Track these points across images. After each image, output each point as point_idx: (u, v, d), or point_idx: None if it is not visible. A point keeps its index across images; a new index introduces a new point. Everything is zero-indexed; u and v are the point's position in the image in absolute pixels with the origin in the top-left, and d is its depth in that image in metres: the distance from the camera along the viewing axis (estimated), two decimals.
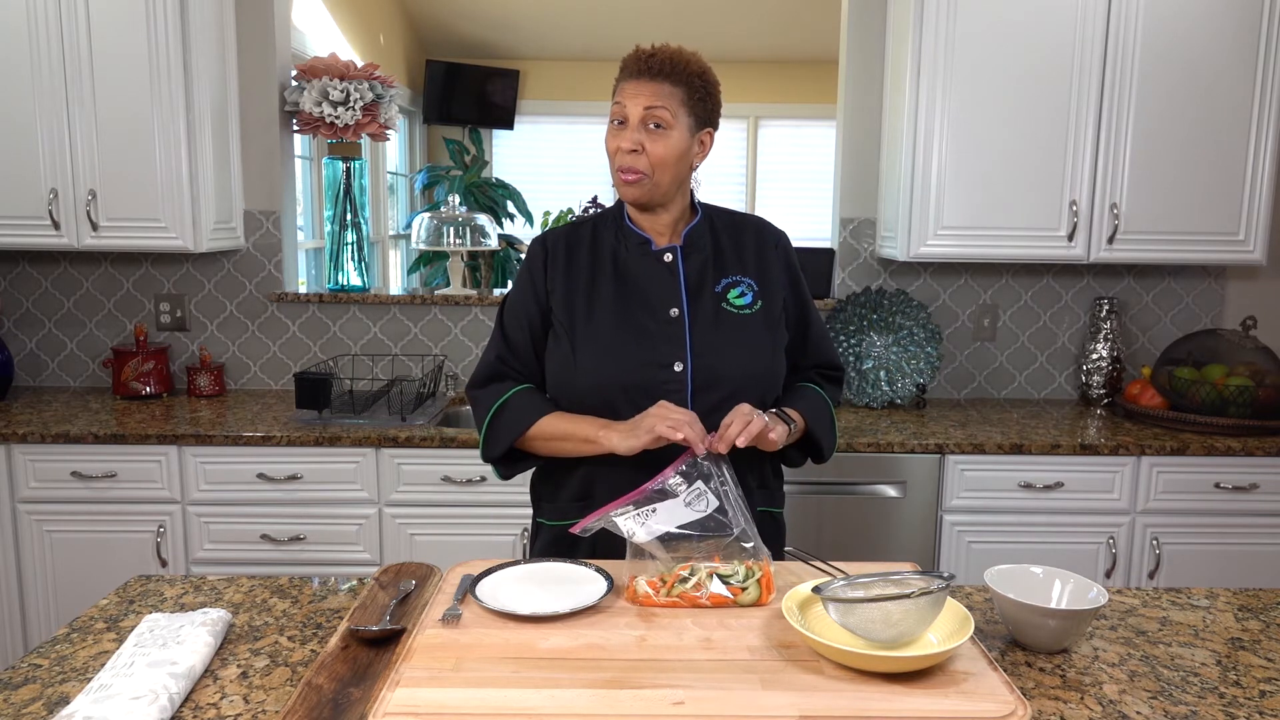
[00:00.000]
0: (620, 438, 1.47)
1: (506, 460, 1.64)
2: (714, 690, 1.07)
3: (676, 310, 1.57)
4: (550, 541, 1.66)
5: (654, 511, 1.37)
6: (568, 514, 1.63)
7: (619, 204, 1.65)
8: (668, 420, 1.42)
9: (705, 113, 1.57)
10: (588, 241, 1.64)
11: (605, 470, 1.57)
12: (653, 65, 1.52)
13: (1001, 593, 1.30)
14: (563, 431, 1.56)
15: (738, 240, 1.65)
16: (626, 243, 1.62)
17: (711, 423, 1.53)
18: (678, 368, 1.54)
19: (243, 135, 3.05)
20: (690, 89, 1.54)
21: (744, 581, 1.32)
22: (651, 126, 1.52)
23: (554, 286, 1.61)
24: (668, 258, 1.60)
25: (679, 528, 1.35)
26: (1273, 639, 1.37)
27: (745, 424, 1.42)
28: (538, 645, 1.18)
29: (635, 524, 1.35)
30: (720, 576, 1.32)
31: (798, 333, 1.68)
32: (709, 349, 1.56)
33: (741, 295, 1.60)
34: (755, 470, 1.63)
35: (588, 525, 1.37)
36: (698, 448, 1.40)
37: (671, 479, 1.39)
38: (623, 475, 1.52)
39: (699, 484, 1.39)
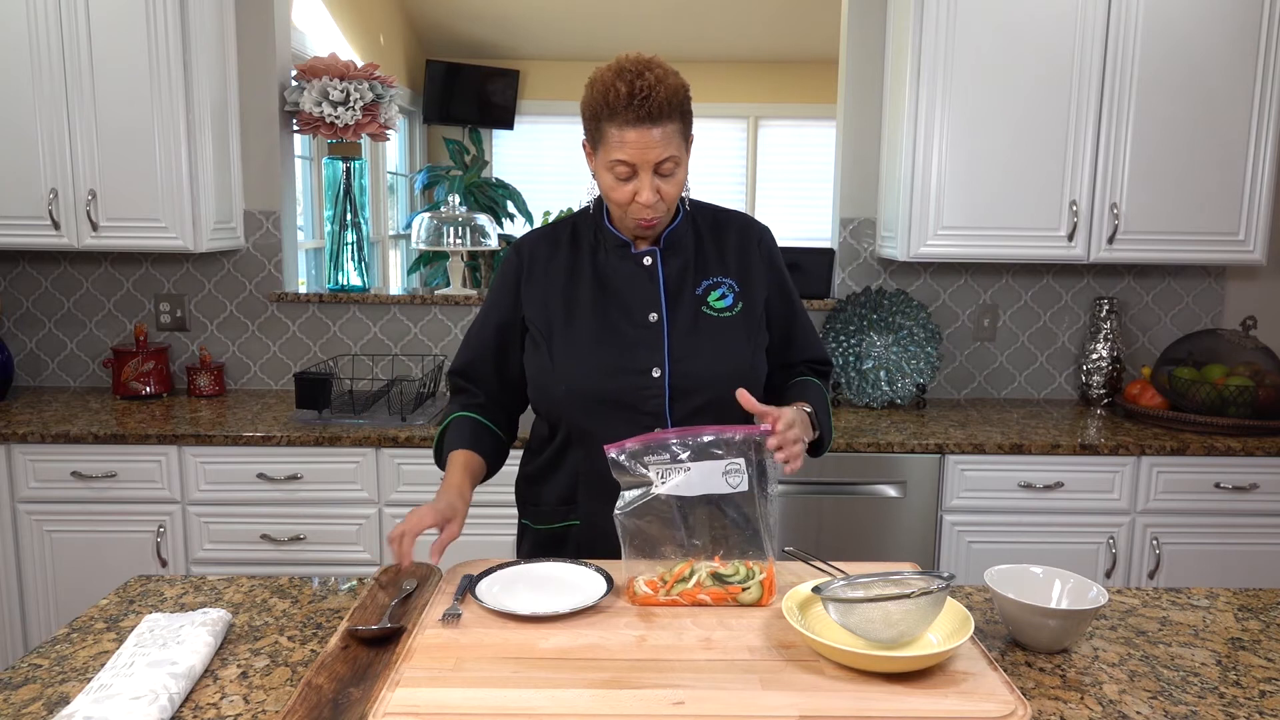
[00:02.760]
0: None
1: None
2: (714, 690, 1.07)
3: (655, 315, 1.55)
4: (535, 544, 1.67)
5: (688, 470, 1.33)
6: (553, 518, 1.63)
7: (598, 201, 1.62)
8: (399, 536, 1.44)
9: (691, 125, 1.52)
10: (567, 243, 1.61)
11: (588, 476, 1.57)
12: (652, 110, 1.41)
13: (1001, 593, 1.30)
14: (444, 476, 1.59)
15: (720, 239, 1.62)
16: (606, 244, 1.59)
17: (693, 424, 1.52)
18: (655, 373, 1.53)
19: (243, 135, 3.05)
20: (683, 115, 1.47)
21: (744, 581, 1.32)
22: (663, 173, 1.47)
23: (529, 297, 1.59)
24: (647, 261, 1.57)
25: (702, 495, 1.33)
26: (1273, 639, 1.37)
27: (795, 451, 1.38)
28: (538, 645, 1.18)
29: (657, 476, 1.33)
30: (721, 576, 1.32)
31: (783, 330, 1.66)
32: (687, 354, 1.54)
33: (722, 298, 1.58)
34: None
35: (626, 447, 1.35)
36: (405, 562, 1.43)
37: (727, 435, 1.35)
38: (604, 481, 1.50)
39: (741, 461, 1.35)
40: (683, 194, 1.61)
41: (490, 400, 1.66)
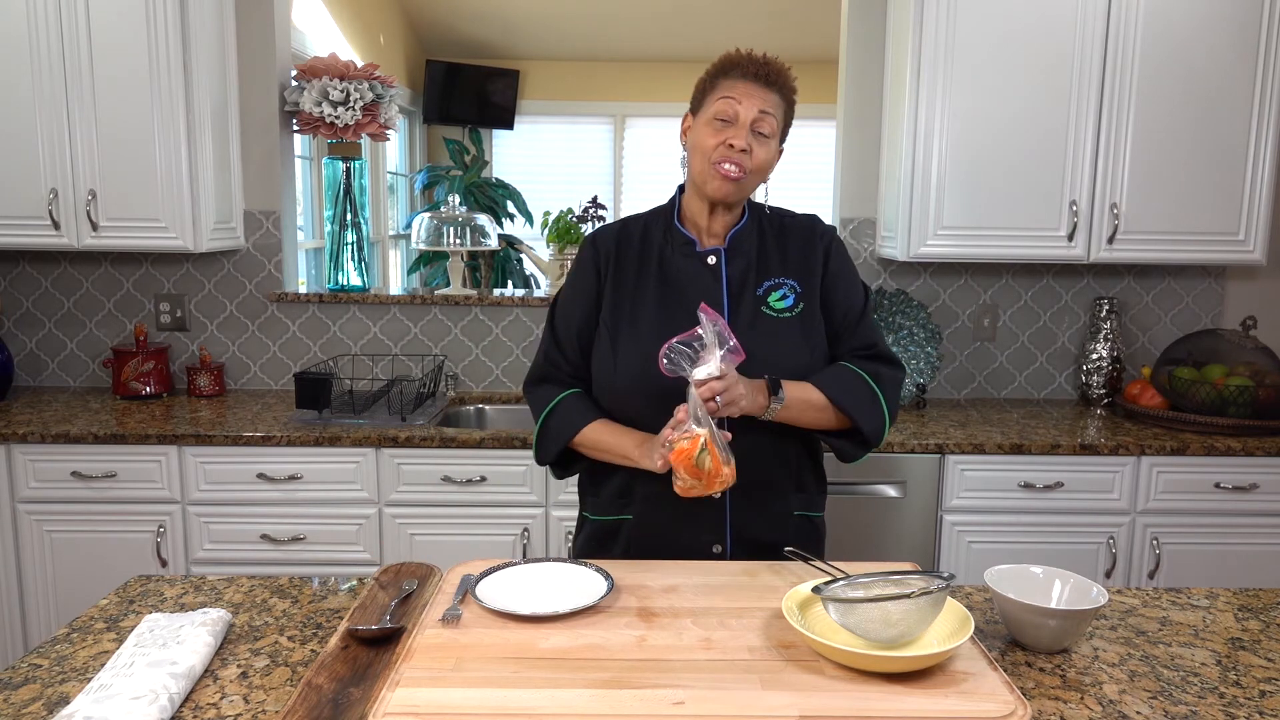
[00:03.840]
0: (653, 463, 1.49)
1: (560, 464, 1.68)
2: (714, 690, 1.07)
3: None
4: (591, 535, 1.70)
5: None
6: (609, 510, 1.66)
7: (672, 202, 1.66)
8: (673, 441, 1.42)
9: (788, 127, 1.62)
10: (637, 240, 1.64)
11: (644, 471, 1.58)
12: (769, 74, 1.53)
13: (1001, 593, 1.30)
14: (604, 444, 1.59)
15: (783, 241, 1.64)
16: (673, 243, 1.62)
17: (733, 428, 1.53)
18: None
19: (243, 135, 3.05)
20: (788, 104, 1.58)
21: (726, 461, 1.40)
22: (758, 132, 1.53)
23: (605, 288, 1.62)
24: (711, 260, 1.60)
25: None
26: (1273, 639, 1.37)
27: (721, 396, 1.41)
28: (538, 645, 1.18)
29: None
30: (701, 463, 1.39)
31: (834, 323, 1.64)
32: (746, 354, 1.55)
33: (783, 298, 1.59)
34: (792, 474, 1.63)
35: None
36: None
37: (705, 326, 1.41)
38: (659, 477, 1.53)
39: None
40: (759, 199, 1.66)
41: (583, 383, 1.67)
